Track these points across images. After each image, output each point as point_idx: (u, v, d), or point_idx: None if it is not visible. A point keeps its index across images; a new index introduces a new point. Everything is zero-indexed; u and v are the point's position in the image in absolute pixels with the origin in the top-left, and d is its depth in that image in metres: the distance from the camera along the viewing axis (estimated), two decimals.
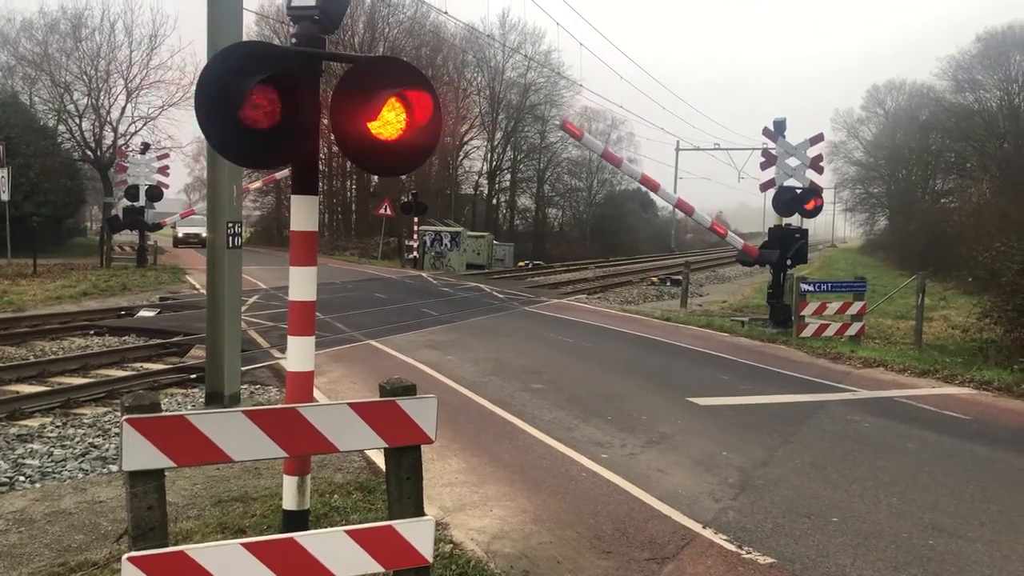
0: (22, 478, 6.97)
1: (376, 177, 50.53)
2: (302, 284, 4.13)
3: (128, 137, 43.71)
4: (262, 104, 3.57)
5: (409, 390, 4.10)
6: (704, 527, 5.97)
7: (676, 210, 72.76)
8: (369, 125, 3.82)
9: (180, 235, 46.87)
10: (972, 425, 9.45)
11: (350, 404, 3.94)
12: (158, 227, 33.14)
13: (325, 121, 4.01)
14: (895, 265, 50.34)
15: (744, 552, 5.53)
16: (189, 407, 9.61)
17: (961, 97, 53.88)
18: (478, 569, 5.01)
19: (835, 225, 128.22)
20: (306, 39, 3.99)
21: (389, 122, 3.84)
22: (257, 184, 46.61)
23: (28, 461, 7.41)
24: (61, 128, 44.17)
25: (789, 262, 17.60)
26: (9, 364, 11.60)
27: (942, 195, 57.42)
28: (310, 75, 3.86)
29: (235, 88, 3.56)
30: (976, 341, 16.24)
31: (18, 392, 9.87)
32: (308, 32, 4.01)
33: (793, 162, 17.80)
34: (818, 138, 18.20)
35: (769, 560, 5.42)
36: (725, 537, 5.79)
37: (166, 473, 3.61)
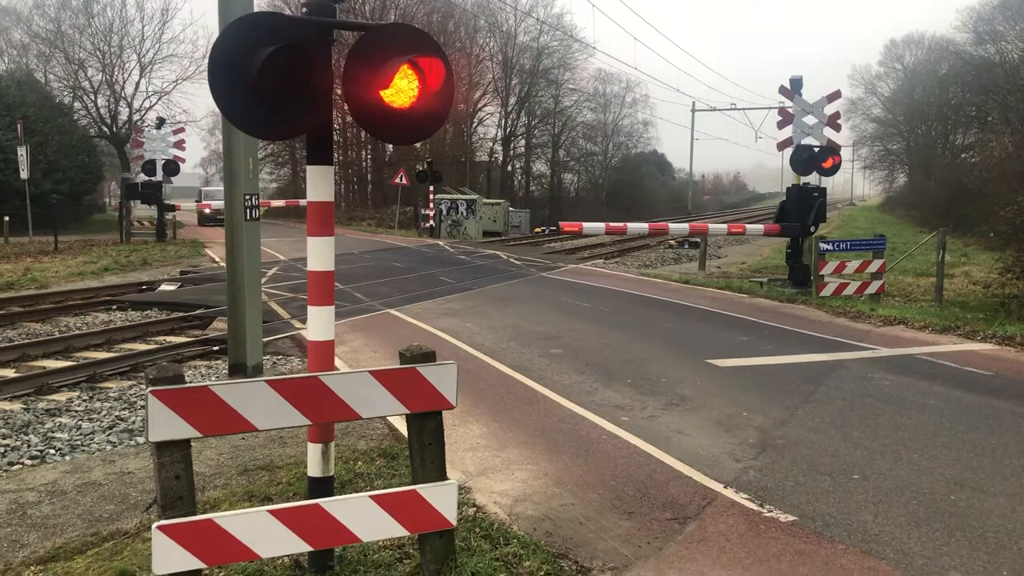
0: (52, 451, 7.10)
1: (391, 146, 50.43)
2: (320, 254, 4.16)
3: (143, 112, 43.96)
4: (274, 75, 3.57)
5: (429, 357, 4.13)
6: (725, 487, 6.01)
7: (693, 172, 72.19)
8: (382, 93, 3.82)
9: (207, 212, 43.40)
10: (994, 381, 9.41)
11: (371, 372, 3.98)
12: (172, 208, 33.25)
13: (339, 91, 4.01)
14: (915, 222, 49.86)
15: (766, 510, 5.57)
16: (213, 379, 9.72)
17: (982, 49, 52.87)
18: (502, 531, 5.07)
19: (854, 183, 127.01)
20: (316, 8, 3.97)
21: (401, 90, 3.84)
22: (280, 203, 45.43)
23: (57, 435, 7.54)
24: (77, 105, 44.42)
25: (813, 229, 17.43)
26: (35, 340, 11.76)
27: (963, 150, 56.64)
28: (321, 44, 3.85)
29: (247, 59, 3.56)
30: (998, 296, 16.10)
31: (45, 367, 10.02)
32: (318, 1, 3.99)
33: (810, 120, 17.60)
34: (835, 95, 17.97)
35: (791, 518, 5.45)
36: (746, 496, 5.82)
37: (192, 443, 3.68)
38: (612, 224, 21.09)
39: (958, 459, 6.65)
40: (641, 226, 20.13)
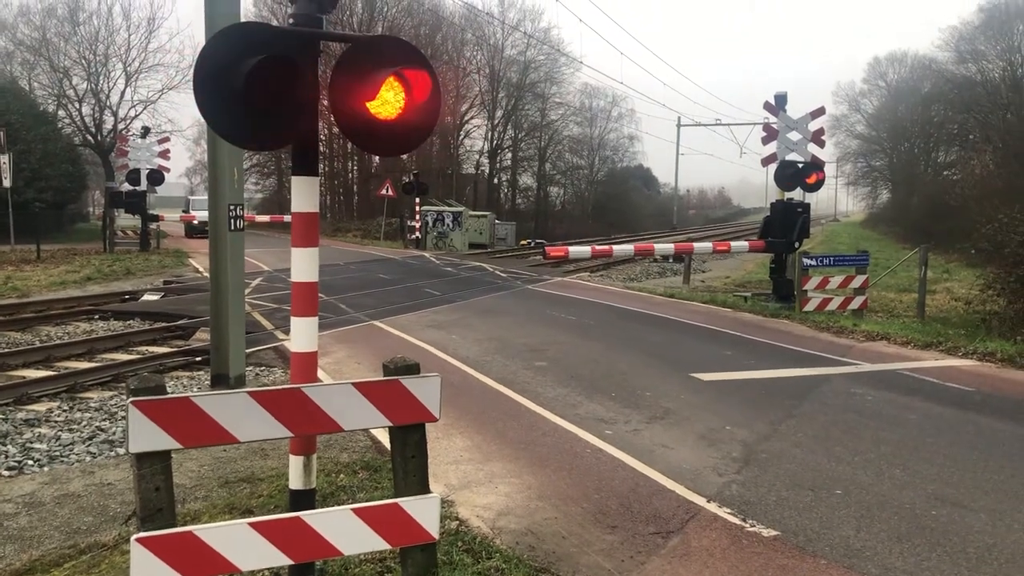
0: (31, 462, 7.02)
1: (377, 158, 50.40)
2: (304, 265, 4.13)
3: (128, 121, 43.68)
4: (260, 85, 3.56)
5: (412, 369, 4.12)
6: (708, 501, 6.01)
7: (678, 187, 72.50)
8: (368, 105, 3.81)
9: (195, 222, 38.96)
10: (975, 396, 9.47)
11: (354, 384, 3.96)
12: (156, 218, 33.01)
13: (325, 102, 4.00)
14: (898, 238, 50.27)
15: (748, 525, 5.57)
16: (195, 389, 9.65)
17: (963, 68, 53.51)
18: (484, 545, 5.05)
19: (837, 199, 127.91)
20: (303, 19, 3.97)
21: (388, 101, 3.83)
22: (264, 219, 43.21)
23: (36, 445, 7.46)
24: (61, 113, 44.14)
25: (797, 244, 17.52)
26: (15, 349, 11.65)
27: (945, 167, 57.25)
28: (308, 55, 3.84)
29: (233, 69, 3.55)
30: (979, 313, 16.23)
31: (25, 377, 9.92)
32: (305, 12, 3.99)
33: (795, 136, 17.71)
34: (819, 111, 18.10)
35: (773, 533, 5.45)
36: (729, 511, 5.82)
37: (173, 455, 3.64)
38: (598, 247, 21.14)
39: (939, 474, 6.69)
40: (627, 248, 20.17)
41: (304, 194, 4.08)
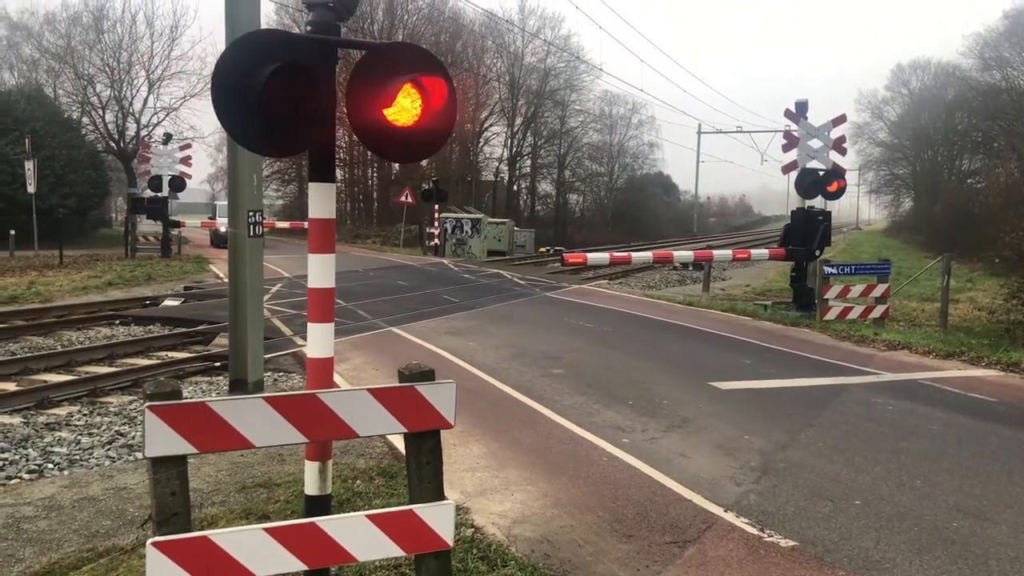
0: (51, 466, 7.08)
1: (397, 165, 50.57)
2: (320, 271, 4.15)
3: (151, 128, 43.99)
4: (277, 92, 3.58)
5: (427, 375, 4.11)
6: (726, 511, 5.96)
7: (699, 194, 72.29)
8: (384, 112, 3.82)
9: (222, 230, 35.25)
10: (998, 407, 9.35)
11: (369, 390, 3.96)
12: (177, 224, 33.23)
13: (344, 108, 4.01)
14: (921, 247, 49.84)
15: (766, 535, 5.52)
16: (214, 394, 9.70)
17: (988, 75, 52.95)
18: (499, 553, 5.03)
19: (859, 207, 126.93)
20: (321, 26, 3.99)
21: (404, 108, 3.84)
22: (284, 224, 41.65)
23: (56, 449, 7.52)
24: (85, 120, 44.57)
25: (818, 252, 17.42)
26: (37, 354, 11.76)
27: (969, 175, 56.69)
28: (325, 62, 3.86)
29: (251, 76, 3.57)
30: (1003, 323, 16.06)
31: (46, 381, 10.02)
32: (323, 19, 4.01)
33: (816, 143, 17.62)
34: (840, 119, 18.00)
35: (791, 543, 5.40)
36: (747, 520, 5.77)
37: (190, 459, 3.65)
38: (617, 254, 21.05)
39: (961, 486, 6.60)
40: (646, 255, 20.05)
41: (321, 200, 4.09)
